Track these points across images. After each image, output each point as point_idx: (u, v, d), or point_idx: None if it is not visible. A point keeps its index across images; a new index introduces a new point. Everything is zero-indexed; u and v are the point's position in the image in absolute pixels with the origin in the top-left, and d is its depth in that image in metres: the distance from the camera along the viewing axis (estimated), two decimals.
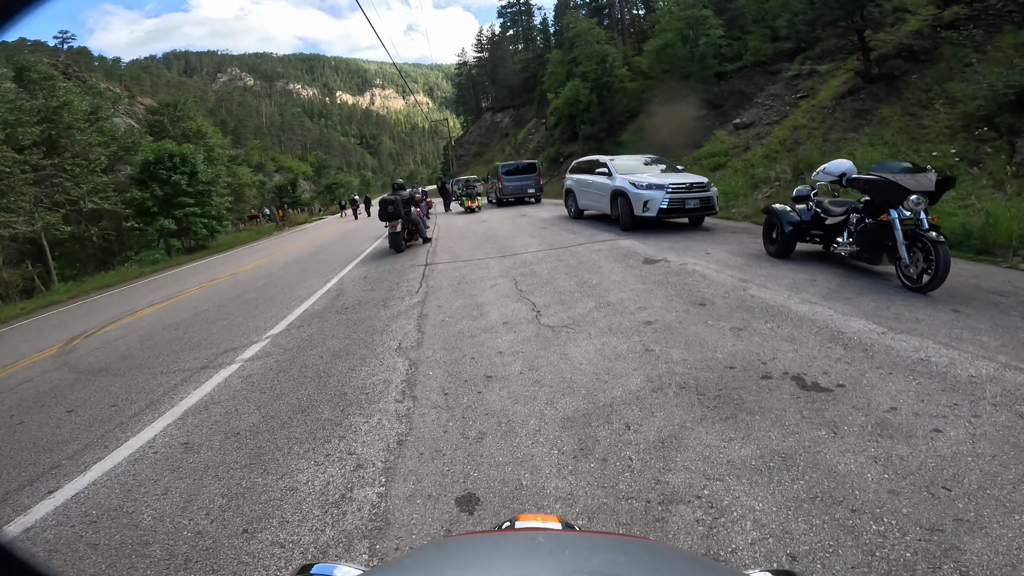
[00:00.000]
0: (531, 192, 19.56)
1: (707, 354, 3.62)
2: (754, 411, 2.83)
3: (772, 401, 2.92)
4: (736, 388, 3.11)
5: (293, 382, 4.02)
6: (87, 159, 19.52)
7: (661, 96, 24.07)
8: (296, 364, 4.39)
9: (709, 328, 4.10)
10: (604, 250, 7.60)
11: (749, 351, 3.61)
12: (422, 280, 6.87)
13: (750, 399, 2.97)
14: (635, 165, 10.13)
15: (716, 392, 3.08)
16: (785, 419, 2.71)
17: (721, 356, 3.57)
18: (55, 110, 18.81)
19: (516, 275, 6.49)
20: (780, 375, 3.23)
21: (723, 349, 3.68)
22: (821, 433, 2.55)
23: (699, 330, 4.07)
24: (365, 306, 5.93)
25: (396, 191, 10.12)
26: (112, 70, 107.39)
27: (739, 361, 3.47)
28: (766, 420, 2.72)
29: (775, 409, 2.83)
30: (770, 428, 2.64)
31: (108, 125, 23.30)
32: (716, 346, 3.74)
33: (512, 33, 60.48)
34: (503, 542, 0.66)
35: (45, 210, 17.17)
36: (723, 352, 3.63)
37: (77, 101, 20.99)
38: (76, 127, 19.38)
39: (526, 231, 10.69)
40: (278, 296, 7.38)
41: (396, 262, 8.76)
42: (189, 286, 10.60)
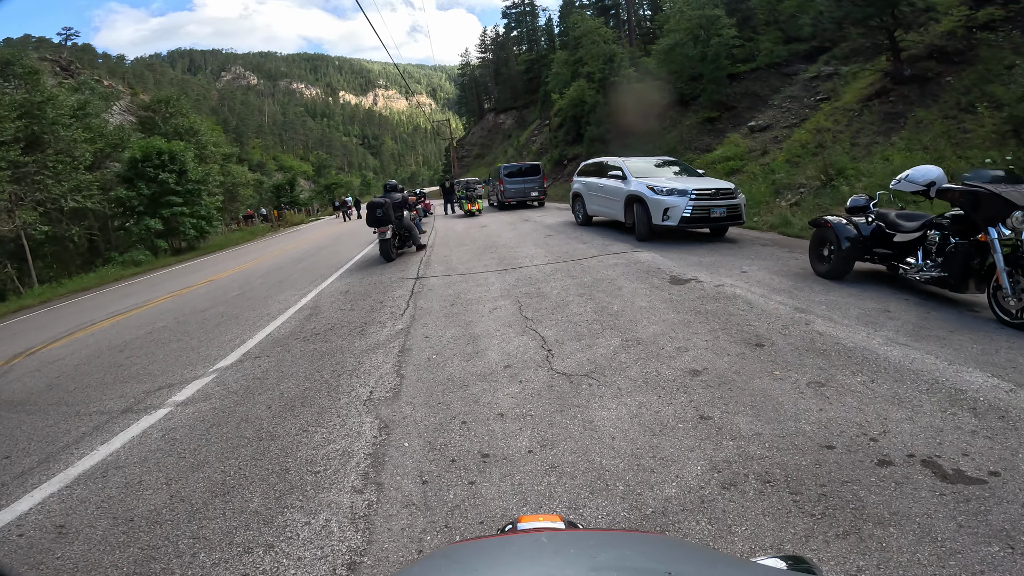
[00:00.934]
0: (534, 195, 18.61)
1: (788, 425, 2.64)
2: (884, 520, 1.91)
3: (906, 502, 2.00)
4: (846, 482, 2.16)
5: (224, 445, 3.04)
6: (71, 156, 18.61)
7: (670, 97, 23.17)
8: (235, 416, 3.41)
9: (779, 382, 3.11)
10: (621, 265, 6.61)
11: (846, 419, 2.64)
12: (410, 298, 5.88)
13: (873, 500, 2.03)
14: (651, 168, 9.16)
15: (818, 489, 2.13)
16: (935, 530, 1.81)
17: (809, 428, 2.59)
18: (38, 105, 17.90)
19: (520, 295, 5.50)
20: (903, 459, 2.28)
21: (809, 416, 2.70)
22: (993, 550, 1.70)
23: (766, 385, 3.09)
24: (339, 332, 4.94)
25: (387, 193, 9.15)
26: (115, 67, 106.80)
27: (838, 436, 2.50)
28: (907, 534, 1.81)
29: (915, 515, 1.91)
30: (917, 547, 1.73)
31: (97, 122, 22.41)
32: (797, 412, 2.76)
33: (516, 34, 59.79)
34: (507, 545, 0.65)
35: (23, 209, 16.21)
36: (810, 421, 2.65)
37: (63, 97, 20.11)
38: (61, 123, 18.47)
39: (530, 239, 9.70)
40: (246, 312, 6.39)
41: (384, 273, 7.77)
42: (160, 294, 9.62)
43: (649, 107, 24.36)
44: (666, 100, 23.79)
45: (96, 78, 70.27)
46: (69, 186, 17.99)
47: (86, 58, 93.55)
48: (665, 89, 24.05)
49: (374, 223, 8.42)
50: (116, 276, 15.95)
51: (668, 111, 23.23)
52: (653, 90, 24.47)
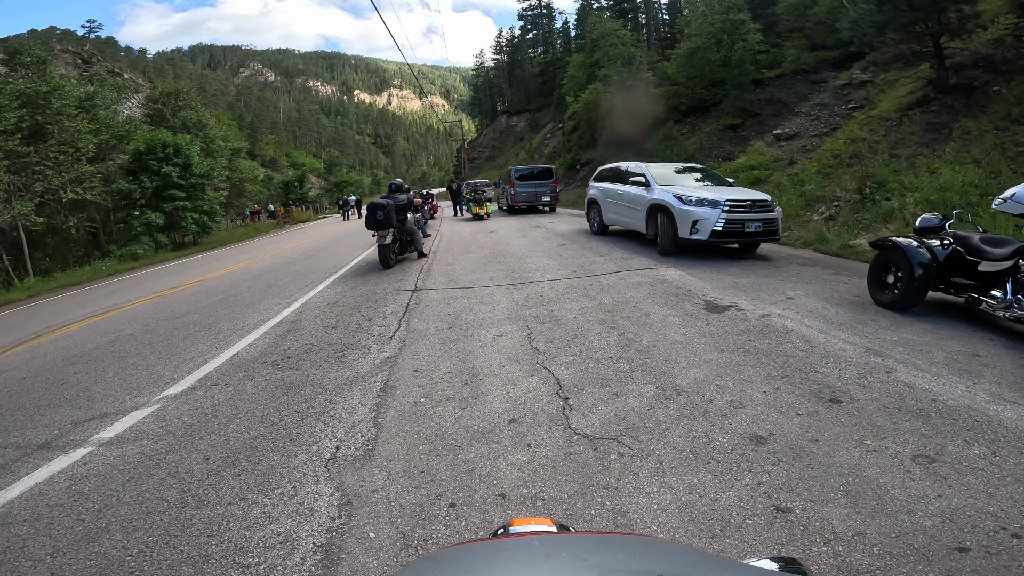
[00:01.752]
0: (546, 200, 17.85)
1: (900, 519, 1.91)
2: None
3: None
4: None
5: (138, 508, 2.34)
6: (75, 147, 18.17)
7: (690, 102, 22.37)
8: (163, 467, 2.69)
9: (874, 455, 2.36)
10: (645, 284, 5.82)
11: (975, 508, 1.92)
12: (403, 316, 5.13)
13: None
14: (675, 175, 8.36)
15: None
16: None
17: (929, 523, 1.86)
18: (44, 95, 17.48)
19: (530, 319, 4.73)
20: None
21: (925, 506, 1.96)
22: None
23: (857, 459, 2.34)
24: (315, 357, 4.20)
25: (391, 193, 8.42)
26: (137, 61, 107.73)
27: (970, 534, 1.76)
28: None
29: None
30: None
31: (107, 113, 21.99)
32: (908, 499, 2.02)
33: (532, 36, 59.31)
34: (500, 549, 0.64)
35: (19, 199, 15.72)
36: (928, 513, 1.92)
37: (70, 87, 19.72)
38: (66, 113, 18.04)
39: (541, 248, 8.94)
40: (222, 323, 5.68)
41: (379, 283, 7.04)
42: (144, 294, 8.96)
43: (668, 112, 23.59)
44: (684, 106, 23.03)
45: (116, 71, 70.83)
46: (69, 177, 17.52)
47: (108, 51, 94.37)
48: (684, 94, 23.31)
49: (373, 226, 7.70)
50: (111, 271, 15.39)
51: (687, 116, 22.42)
52: (672, 95, 23.72)
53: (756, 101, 19.10)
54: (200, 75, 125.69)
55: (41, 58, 19.99)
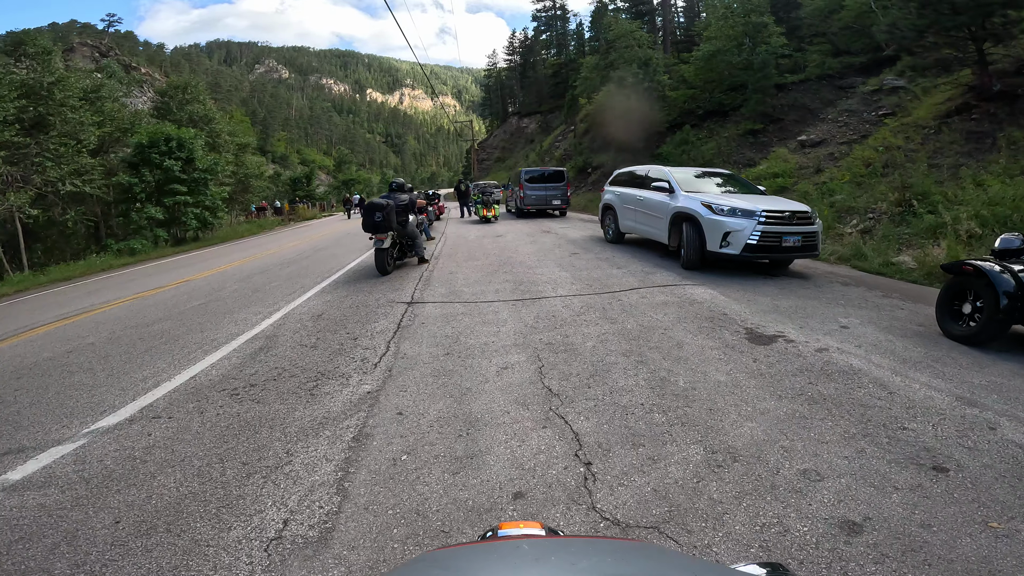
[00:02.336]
0: (556, 204, 17.16)
1: None
2: None
3: None
4: None
5: None
6: (77, 139, 17.74)
7: (708, 106, 21.63)
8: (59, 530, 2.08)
9: (1007, 544, 1.70)
10: (672, 304, 5.12)
11: None
12: (393, 336, 4.45)
13: None
14: (700, 181, 7.66)
15: None
16: None
17: None
18: (47, 86, 17.06)
19: (541, 346, 4.04)
20: None
21: None
22: None
23: (987, 550, 1.73)
24: (283, 386, 3.53)
25: (392, 193, 7.77)
26: (155, 56, 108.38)
27: None
28: None
29: None
30: None
31: (114, 106, 21.58)
32: None
33: (545, 38, 58.74)
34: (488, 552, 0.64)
35: (13, 191, 15.26)
36: None
37: (74, 78, 19.32)
38: (69, 105, 17.61)
39: (552, 257, 8.25)
40: (191, 334, 5.04)
41: (373, 292, 6.37)
42: (125, 294, 8.36)
43: (683, 116, 22.86)
44: (701, 110, 22.29)
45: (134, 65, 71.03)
46: (69, 169, 17.06)
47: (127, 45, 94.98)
48: (701, 98, 22.57)
49: (371, 228, 7.04)
50: (105, 266, 14.86)
51: (704, 120, 21.68)
52: (688, 98, 22.99)
53: (779, 106, 18.34)
54: (216, 71, 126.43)
55: (46, 49, 19.61)
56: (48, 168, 16.41)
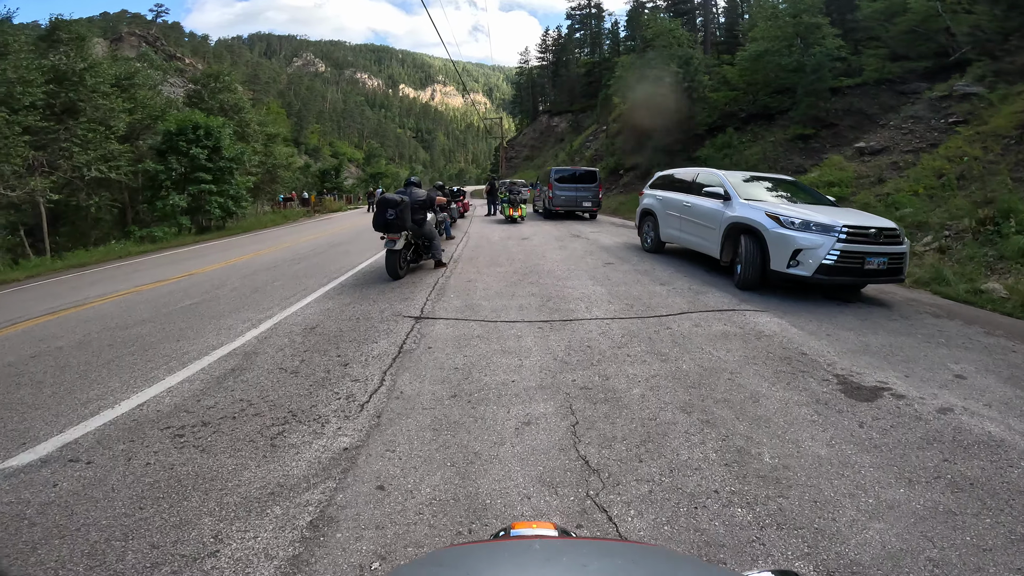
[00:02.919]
0: (587, 206, 16.21)
1: None
2: None
3: None
4: None
5: None
6: (107, 125, 17.63)
7: (752, 109, 20.34)
8: None
9: None
10: (735, 337, 4.19)
11: None
12: (392, 365, 3.64)
13: None
14: (759, 188, 6.66)
15: None
16: None
17: None
18: (80, 72, 16.97)
19: (574, 391, 3.18)
20: None
21: None
22: None
23: None
24: (242, 429, 2.75)
25: (407, 188, 7.02)
26: (199, 47, 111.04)
27: None
28: None
29: None
30: None
31: (148, 93, 21.54)
32: None
33: (579, 36, 57.65)
34: (499, 551, 0.64)
35: (35, 176, 15.12)
36: None
37: (106, 65, 19.28)
38: (100, 91, 17.51)
39: (584, 266, 7.36)
40: (167, 343, 4.35)
41: (379, 300, 5.60)
42: (124, 287, 7.83)
43: (724, 118, 21.61)
44: (744, 112, 21.02)
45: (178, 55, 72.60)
46: (96, 155, 16.92)
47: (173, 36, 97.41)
48: (744, 100, 21.28)
49: (383, 228, 6.28)
50: (122, 253, 14.59)
51: (747, 124, 20.41)
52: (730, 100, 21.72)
53: (832, 110, 17.00)
54: (255, 63, 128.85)
55: (79, 35, 19.60)
56: (75, 154, 16.27)
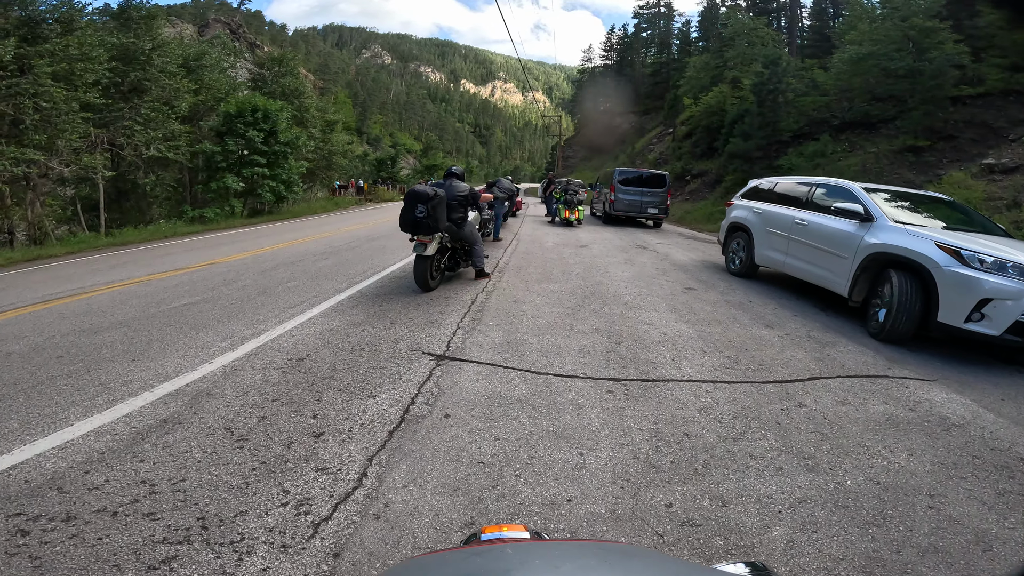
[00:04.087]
0: (652, 212, 14.60)
1: None
2: None
3: None
4: None
5: None
6: (170, 105, 17.67)
7: (848, 116, 17.99)
8: None
9: None
10: (909, 426, 2.72)
11: None
12: (384, 446, 2.38)
13: None
14: (901, 207, 5.03)
15: None
16: None
17: None
18: (148, 52, 17.05)
19: (672, 534, 1.84)
20: None
21: None
22: None
23: None
24: (114, 540, 1.60)
25: (447, 180, 5.83)
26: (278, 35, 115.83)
27: None
28: None
29: None
30: None
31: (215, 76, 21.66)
32: None
33: (646, 35, 55.34)
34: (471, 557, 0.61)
35: (93, 153, 15.14)
36: None
37: (175, 45, 19.43)
38: (167, 71, 17.57)
39: (660, 290, 5.93)
40: (118, 362, 3.36)
41: (398, 321, 4.42)
42: (136, 275, 7.12)
43: (812, 125, 19.33)
44: (837, 119, 18.67)
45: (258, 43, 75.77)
46: (156, 135, 16.92)
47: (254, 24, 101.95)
48: (838, 107, 18.94)
49: (411, 227, 5.11)
50: (168, 233, 14.40)
51: (841, 132, 18.08)
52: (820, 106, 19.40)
53: (951, 121, 14.55)
54: (327, 53, 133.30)
55: (150, 14, 19.79)
56: (136, 132, 16.28)
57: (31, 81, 12.26)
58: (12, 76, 12.03)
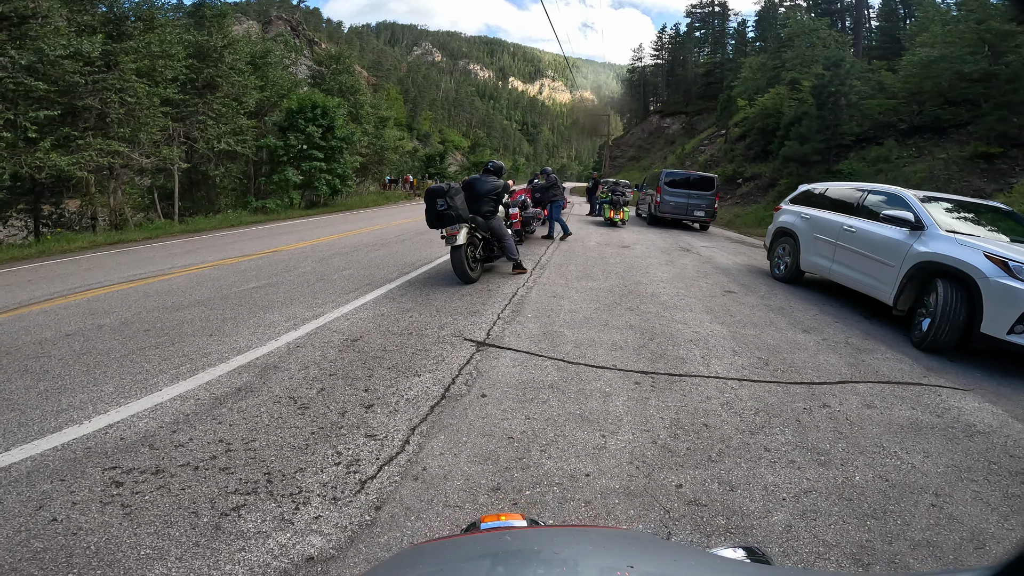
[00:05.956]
0: (699, 215, 14.40)
1: None
2: None
3: None
4: None
5: None
6: (239, 101, 18.87)
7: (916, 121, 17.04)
8: None
9: None
10: (933, 432, 2.75)
11: None
12: (427, 418, 2.66)
13: None
14: (952, 215, 4.89)
15: None
16: None
17: None
18: (220, 50, 18.24)
19: (678, 511, 2.00)
20: None
21: None
22: None
23: None
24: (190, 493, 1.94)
25: (484, 175, 6.13)
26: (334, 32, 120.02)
27: None
28: None
29: None
30: None
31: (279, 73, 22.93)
32: None
33: (699, 35, 53.92)
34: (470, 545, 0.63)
35: (171, 146, 16.38)
36: None
37: (243, 43, 20.65)
38: (236, 68, 18.76)
39: (698, 292, 5.99)
40: (195, 337, 3.82)
41: (443, 309, 4.73)
42: (209, 259, 7.80)
43: (876, 129, 18.40)
44: (904, 124, 17.71)
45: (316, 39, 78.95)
46: (227, 128, 18.11)
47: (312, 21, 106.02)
48: (905, 110, 17.95)
49: (436, 221, 5.42)
50: (235, 222, 15.45)
51: (907, 137, 17.14)
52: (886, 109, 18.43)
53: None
54: (379, 50, 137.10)
55: (222, 12, 21.09)
56: (209, 127, 17.46)
57: (117, 77, 13.39)
58: (100, 72, 13.16)
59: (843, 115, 18.62)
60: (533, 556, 0.56)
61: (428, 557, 0.62)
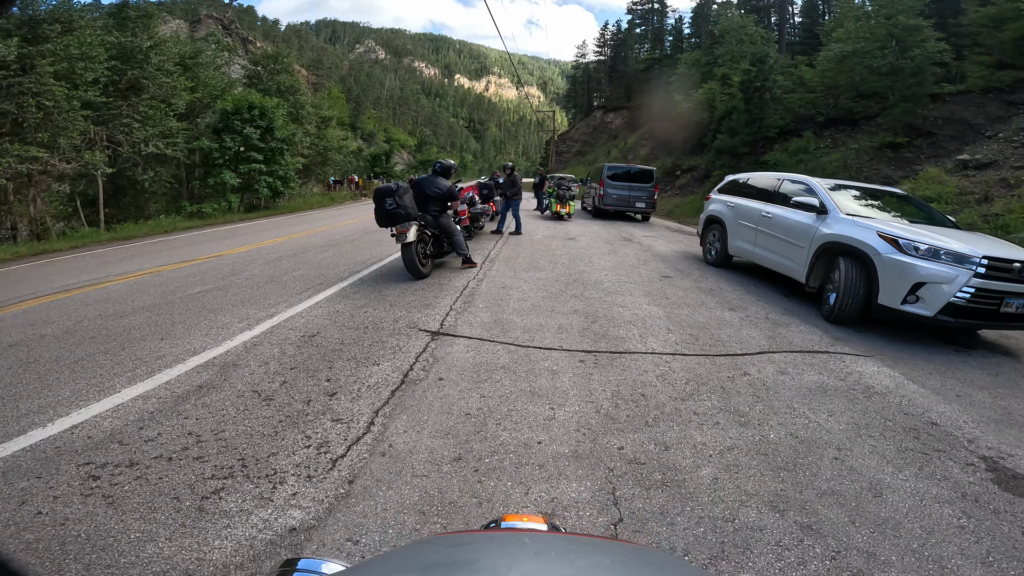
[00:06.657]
0: (640, 207, 15.07)
1: None
2: None
3: None
4: None
5: None
6: (168, 103, 17.91)
7: (832, 113, 18.51)
8: None
9: None
10: (837, 393, 3.20)
11: None
12: (389, 400, 2.85)
13: None
14: (858, 201, 5.52)
15: None
16: None
17: None
18: (145, 51, 17.25)
19: (620, 469, 2.31)
20: None
21: None
22: None
23: None
24: (169, 480, 2.04)
25: (432, 176, 6.30)
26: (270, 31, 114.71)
27: None
28: None
29: None
30: None
31: (211, 73, 21.86)
32: None
33: (640, 31, 55.64)
34: (489, 541, 0.64)
35: (93, 150, 15.39)
36: None
37: (171, 43, 19.61)
38: (164, 70, 17.79)
39: (637, 278, 6.41)
40: (146, 341, 3.78)
41: (397, 303, 4.87)
42: (147, 266, 7.51)
43: (797, 122, 19.83)
44: (822, 116, 19.17)
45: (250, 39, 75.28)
46: (154, 131, 17.18)
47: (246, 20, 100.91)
48: (822, 103, 19.42)
49: (386, 220, 5.57)
50: (168, 228, 14.71)
51: (824, 129, 18.59)
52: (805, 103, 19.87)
53: (930, 118, 15.07)
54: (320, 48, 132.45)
55: (147, 13, 19.95)
56: (135, 129, 16.53)
57: (34, 80, 12.52)
58: (15, 76, 12.28)
59: (768, 109, 19.93)
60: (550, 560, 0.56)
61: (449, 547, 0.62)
